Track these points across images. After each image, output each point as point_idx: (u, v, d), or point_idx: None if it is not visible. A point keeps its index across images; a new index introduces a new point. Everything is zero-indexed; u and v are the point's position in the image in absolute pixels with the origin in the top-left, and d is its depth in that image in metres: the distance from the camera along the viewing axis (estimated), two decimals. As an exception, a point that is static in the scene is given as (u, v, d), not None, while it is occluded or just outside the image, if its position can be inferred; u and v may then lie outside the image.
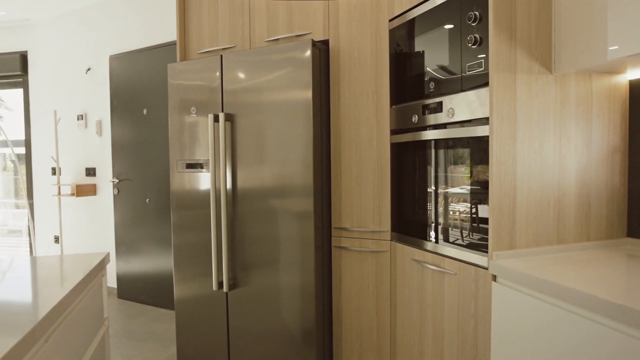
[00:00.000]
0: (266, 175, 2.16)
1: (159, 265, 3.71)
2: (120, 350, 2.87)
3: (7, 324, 0.90)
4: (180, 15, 2.62)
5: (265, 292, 2.19)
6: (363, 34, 2.08)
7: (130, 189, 3.85)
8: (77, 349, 1.23)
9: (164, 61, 3.61)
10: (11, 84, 4.99)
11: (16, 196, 6.45)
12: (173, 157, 2.43)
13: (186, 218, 2.40)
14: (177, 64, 2.40)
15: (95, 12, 4.12)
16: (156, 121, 3.67)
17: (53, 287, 1.18)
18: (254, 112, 2.17)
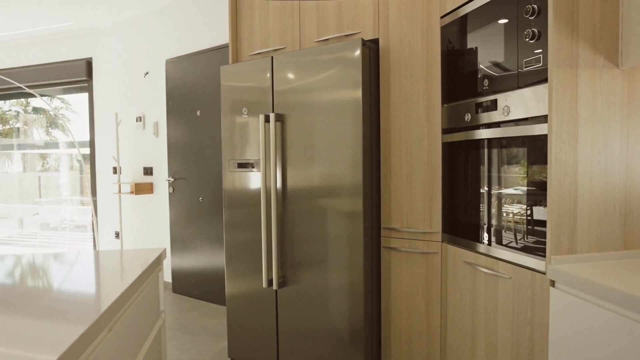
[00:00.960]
0: (315, 175, 2.17)
1: (211, 261, 3.83)
2: (175, 342, 2.99)
3: (76, 313, 0.96)
4: (232, 19, 2.69)
5: (313, 291, 2.21)
6: (414, 32, 2.05)
7: (185, 187, 4.00)
8: (137, 339, 1.29)
9: (217, 64, 3.72)
10: (77, 88, 5.32)
11: (81, 194, 6.87)
12: (225, 157, 2.50)
13: (237, 216, 2.46)
14: (229, 66, 2.46)
15: (153, 19, 4.31)
16: (209, 122, 3.78)
17: (115, 280, 1.25)
18: (303, 112, 2.20)
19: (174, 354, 2.80)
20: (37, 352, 0.76)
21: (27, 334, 0.85)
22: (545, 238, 1.43)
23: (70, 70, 5.08)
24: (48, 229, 6.96)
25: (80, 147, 5.18)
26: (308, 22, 2.39)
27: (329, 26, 2.31)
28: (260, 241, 2.39)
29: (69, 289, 1.18)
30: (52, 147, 8.16)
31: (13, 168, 7.21)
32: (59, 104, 7.87)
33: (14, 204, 6.90)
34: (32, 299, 1.09)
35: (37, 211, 6.99)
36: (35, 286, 1.22)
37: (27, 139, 8.47)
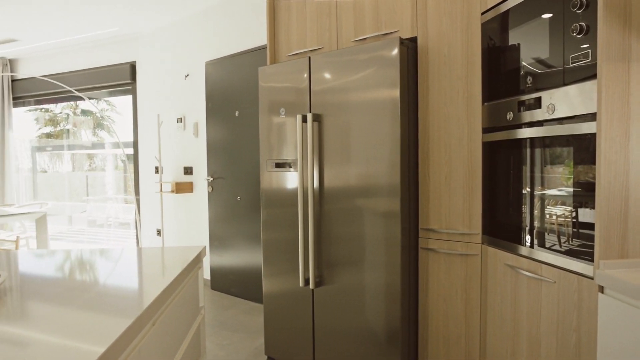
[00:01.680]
0: (352, 175, 2.17)
1: (248, 259, 3.89)
2: (213, 338, 3.06)
3: (121, 307, 1.00)
4: (270, 21, 2.72)
5: (350, 291, 2.20)
6: (453, 29, 2.01)
7: (223, 186, 4.08)
8: (179, 334, 1.33)
9: (255, 65, 3.77)
10: (122, 91, 5.53)
11: (125, 192, 7.13)
12: (263, 157, 2.53)
13: (275, 215, 2.49)
14: (267, 67, 2.49)
15: (193, 22, 4.42)
16: (247, 122, 3.84)
17: (157, 276, 1.29)
18: (340, 112, 2.19)
19: (212, 350, 2.86)
20: (87, 343, 0.80)
21: (77, 326, 0.89)
22: (592, 241, 1.37)
23: (115, 73, 5.28)
24: (95, 226, 7.27)
25: (124, 148, 5.38)
26: (345, 22, 2.38)
27: (366, 25, 2.30)
28: (297, 240, 2.40)
29: (113, 284, 1.22)
30: (99, 148, 8.51)
31: (63, 167, 7.57)
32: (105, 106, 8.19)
33: (64, 202, 7.25)
34: (80, 292, 1.14)
35: (85, 209, 7.31)
36: (83, 280, 1.28)
37: (76, 139, 8.87)
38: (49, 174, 7.54)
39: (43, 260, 1.55)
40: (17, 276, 1.33)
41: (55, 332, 0.86)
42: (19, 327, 0.90)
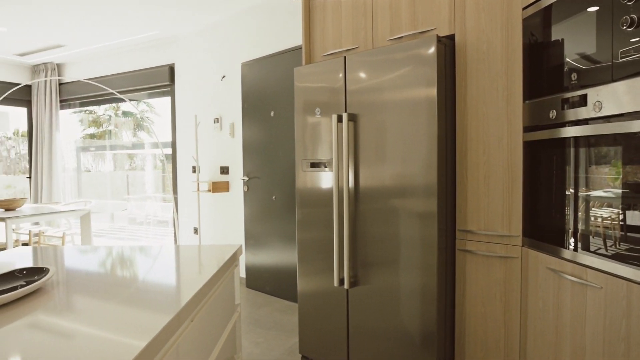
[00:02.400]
0: (388, 175, 2.15)
1: (283, 258, 3.92)
2: (248, 335, 3.09)
3: (160, 304, 1.02)
4: (305, 21, 2.73)
5: (385, 292, 2.18)
6: (493, 26, 1.96)
7: (259, 186, 4.13)
8: (215, 330, 1.35)
9: (290, 65, 3.79)
10: (161, 92, 5.68)
11: (164, 191, 7.32)
12: (298, 157, 2.54)
13: (310, 215, 2.50)
14: (303, 68, 2.50)
15: (229, 24, 4.49)
16: (282, 122, 3.87)
17: (195, 274, 1.31)
18: (376, 112, 2.18)
19: (247, 347, 2.89)
20: (129, 337, 0.82)
21: (118, 320, 0.92)
22: (643, 245, 1.30)
23: (155, 75, 5.43)
24: (135, 224, 7.51)
25: (163, 148, 5.53)
26: (381, 20, 2.36)
27: (402, 24, 2.27)
28: (332, 240, 2.40)
29: (152, 280, 1.26)
30: (139, 148, 8.78)
31: (105, 167, 7.86)
32: (145, 107, 8.44)
33: (106, 200, 7.52)
34: (121, 287, 1.18)
35: (126, 207, 7.56)
36: (123, 276, 1.32)
37: (117, 140, 9.19)
38: (92, 173, 7.84)
39: (87, 256, 1.61)
40: (64, 271, 1.39)
41: (99, 325, 0.89)
42: (66, 319, 0.94)
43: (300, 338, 2.60)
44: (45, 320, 0.93)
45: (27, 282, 1.19)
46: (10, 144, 6.96)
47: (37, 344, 0.80)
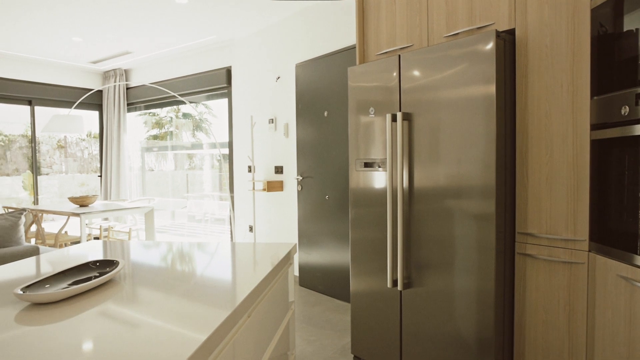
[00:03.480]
0: (443, 175, 2.10)
1: (336, 258, 3.93)
2: (301, 333, 3.13)
3: (218, 298, 1.06)
4: (359, 20, 2.72)
5: (440, 294, 2.14)
6: (557, 18, 1.86)
7: (312, 185, 4.17)
8: (271, 326, 1.38)
9: (344, 65, 3.80)
10: (219, 94, 5.87)
11: (220, 190, 7.57)
12: (352, 156, 2.54)
13: (363, 215, 2.49)
14: (357, 67, 2.50)
15: (284, 26, 4.57)
16: (335, 122, 3.89)
17: (252, 271, 1.35)
18: (431, 111, 2.13)
19: (300, 344, 2.93)
20: (189, 329, 0.86)
21: (178, 312, 0.96)
22: None
23: (213, 78, 5.63)
24: (194, 221, 7.82)
25: (220, 148, 5.72)
26: (436, 17, 2.31)
27: (459, 20, 2.21)
28: (385, 241, 2.38)
29: (210, 275, 1.30)
30: (197, 148, 9.12)
31: (167, 166, 8.24)
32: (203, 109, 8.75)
33: (168, 198, 7.88)
34: (180, 281, 1.23)
35: (185, 204, 7.89)
36: (183, 270, 1.38)
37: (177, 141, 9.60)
38: (155, 172, 8.24)
39: (150, 251, 1.70)
40: (130, 264, 1.47)
41: (161, 317, 0.94)
42: (132, 309, 0.99)
43: (353, 338, 2.60)
44: (115, 309, 0.99)
45: (100, 274, 1.27)
46: (84, 145, 7.47)
47: (107, 331, 0.86)
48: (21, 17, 4.38)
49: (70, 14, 4.34)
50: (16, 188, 6.65)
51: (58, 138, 7.11)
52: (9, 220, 2.82)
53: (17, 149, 6.56)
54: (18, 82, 6.08)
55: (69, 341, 0.82)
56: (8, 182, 6.60)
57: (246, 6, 4.17)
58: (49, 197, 6.78)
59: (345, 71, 3.78)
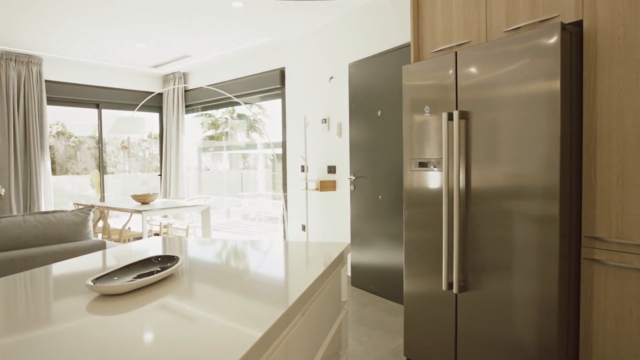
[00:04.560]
0: (502, 175, 2.01)
1: (388, 258, 3.89)
2: (353, 333, 3.12)
3: (272, 296, 1.07)
4: (414, 18, 2.67)
5: (498, 299, 2.05)
6: (631, 7, 1.73)
7: (365, 185, 4.14)
8: (324, 325, 1.38)
9: (398, 64, 3.75)
10: (272, 95, 5.97)
11: (274, 189, 7.70)
12: (406, 156, 2.50)
13: (418, 215, 2.44)
14: (411, 65, 2.45)
15: (337, 26, 4.57)
16: (389, 122, 3.84)
17: (305, 269, 1.36)
18: (490, 109, 2.06)
19: (351, 344, 2.92)
20: (244, 325, 0.88)
21: (233, 308, 0.98)
22: None
23: (267, 79, 5.74)
24: (248, 219, 8.00)
25: (274, 148, 5.81)
26: (495, 11, 2.23)
27: (520, 13, 2.12)
28: (440, 242, 2.32)
29: (263, 273, 1.32)
30: (251, 148, 9.33)
31: (222, 166, 8.49)
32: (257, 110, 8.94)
33: (223, 197, 8.12)
34: (235, 278, 1.26)
35: (240, 203, 8.09)
36: (237, 267, 1.41)
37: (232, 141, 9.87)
38: (211, 171, 8.51)
39: (206, 248, 1.76)
40: (188, 260, 1.53)
41: (216, 312, 0.96)
42: (189, 303, 1.03)
43: (406, 340, 2.55)
44: (174, 303, 1.03)
45: (161, 268, 1.33)
46: (145, 145, 7.86)
47: (167, 324, 0.89)
48: (89, 27, 4.67)
49: (134, 23, 4.58)
50: (84, 186, 7.11)
51: (122, 139, 7.51)
52: (80, 216, 3.01)
53: (85, 149, 7.00)
54: (87, 87, 6.49)
55: (133, 331, 0.86)
56: (78, 181, 7.06)
57: (300, 7, 4.21)
58: (114, 195, 7.19)
59: (399, 70, 3.72)
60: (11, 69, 5.64)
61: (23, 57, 5.73)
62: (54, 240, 2.87)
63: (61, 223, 2.91)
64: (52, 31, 4.86)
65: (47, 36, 5.05)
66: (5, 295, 1.15)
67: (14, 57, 5.66)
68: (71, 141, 7.00)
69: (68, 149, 6.99)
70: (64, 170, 6.94)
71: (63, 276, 1.33)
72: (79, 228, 2.99)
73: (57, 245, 2.83)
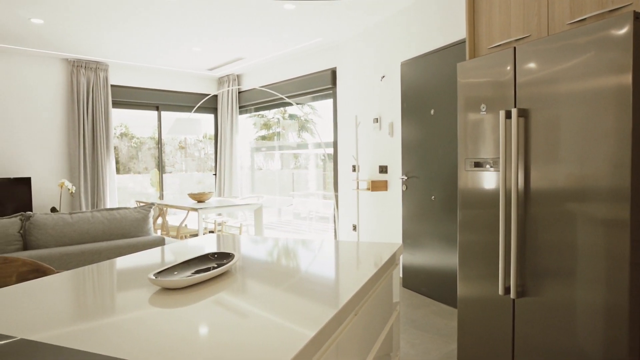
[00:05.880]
0: (564, 176, 1.91)
1: (441, 260, 3.80)
2: (404, 335, 3.08)
3: (325, 296, 1.08)
4: (469, 13, 2.59)
5: (560, 306, 1.95)
6: None
7: (417, 185, 4.07)
8: (376, 327, 1.37)
9: (451, 61, 3.65)
10: (323, 95, 6.00)
11: (324, 189, 7.74)
12: (461, 156, 2.43)
13: (473, 217, 2.37)
14: (467, 62, 2.38)
15: (388, 25, 4.52)
16: (442, 121, 3.75)
17: (357, 269, 1.35)
18: (551, 105, 1.96)
19: (403, 347, 2.88)
20: (296, 324, 0.88)
21: (285, 306, 0.99)
22: None
23: (318, 80, 5.77)
24: (299, 218, 8.09)
25: (325, 147, 5.84)
26: (558, 3, 2.11)
27: (586, 3, 2.00)
28: (497, 245, 2.24)
29: (314, 272, 1.33)
30: (302, 148, 9.42)
31: (274, 166, 8.64)
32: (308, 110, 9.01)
33: (275, 196, 8.26)
34: (286, 276, 1.27)
35: (291, 202, 8.20)
36: (288, 265, 1.42)
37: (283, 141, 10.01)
38: (263, 171, 8.68)
39: (258, 246, 1.79)
40: (241, 257, 1.56)
41: (269, 309, 0.98)
42: (242, 300, 1.05)
43: (459, 345, 2.48)
44: (228, 299, 1.06)
45: (218, 265, 1.37)
46: (201, 146, 8.14)
47: (221, 319, 0.92)
48: (151, 34, 4.90)
49: (191, 28, 4.75)
50: (145, 184, 7.47)
51: (179, 139, 7.82)
52: (141, 213, 3.17)
53: (146, 149, 7.35)
54: (148, 90, 6.82)
55: (191, 325, 0.89)
56: (139, 179, 7.43)
57: (351, 7, 4.20)
58: (172, 193, 7.50)
59: (453, 67, 3.63)
60: (81, 75, 6.02)
61: (92, 64, 6.10)
62: (118, 236, 3.03)
63: (125, 219, 3.07)
64: (117, 39, 5.14)
65: (113, 44, 5.35)
66: (76, 286, 1.23)
67: (84, 64, 6.05)
68: (133, 142, 7.38)
69: (130, 149, 7.37)
70: (127, 169, 7.33)
71: (126, 269, 1.40)
72: (141, 224, 3.14)
73: (121, 240, 2.99)
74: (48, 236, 2.76)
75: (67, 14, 4.32)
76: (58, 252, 2.69)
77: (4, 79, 5.59)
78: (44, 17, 4.40)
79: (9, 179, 5.47)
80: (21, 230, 2.73)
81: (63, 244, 2.81)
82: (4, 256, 1.51)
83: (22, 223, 2.75)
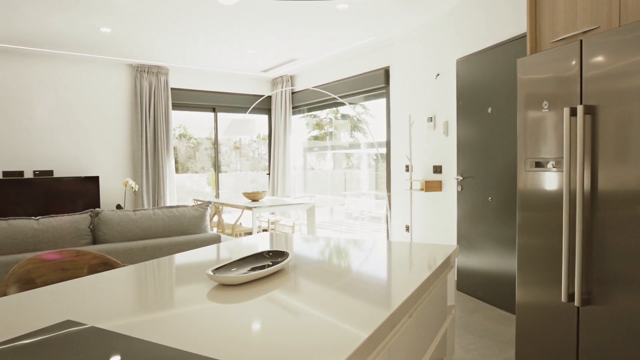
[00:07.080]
0: (636, 177, 1.78)
1: (498, 264, 3.66)
2: (458, 340, 2.99)
3: (378, 297, 1.07)
4: (530, 6, 2.48)
5: (631, 316, 1.82)
6: None
7: (473, 186, 3.95)
8: (430, 329, 1.34)
9: (510, 57, 3.51)
10: (376, 95, 5.96)
11: (377, 189, 7.68)
12: (520, 155, 2.33)
13: (534, 219, 2.26)
14: (528, 58, 2.28)
15: (442, 22, 4.41)
16: (500, 119, 3.61)
17: (410, 271, 1.33)
18: (622, 102, 1.83)
19: (457, 352, 2.80)
20: (349, 324, 0.88)
21: (336, 305, 0.99)
22: None
23: (371, 79, 5.73)
24: (351, 218, 8.08)
25: (377, 147, 5.79)
26: (631, -9, 1.97)
27: (663, -9, 1.85)
28: (560, 249, 2.13)
29: (367, 272, 1.32)
30: (354, 148, 9.40)
31: (326, 165, 8.68)
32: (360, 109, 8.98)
33: (327, 195, 8.30)
34: (337, 275, 1.28)
35: (343, 202, 8.20)
36: (340, 265, 1.42)
37: (336, 141, 10.03)
38: (315, 171, 8.75)
39: (310, 245, 1.80)
40: (293, 255, 1.58)
41: (321, 308, 0.98)
42: (295, 298, 1.06)
43: (518, 353, 2.38)
44: (282, 297, 1.08)
45: (272, 263, 1.39)
46: (255, 146, 8.33)
47: (275, 316, 0.93)
48: (208, 39, 5.07)
49: (246, 32, 4.87)
50: (202, 183, 7.74)
51: (234, 140, 8.04)
52: (199, 211, 3.29)
53: (203, 150, 7.62)
54: (205, 93, 7.06)
55: (246, 320, 0.91)
56: (196, 179, 7.72)
57: (404, 4, 4.14)
58: (227, 192, 7.72)
59: (512, 63, 3.48)
60: (144, 79, 6.34)
61: (153, 69, 6.41)
62: (177, 232, 3.17)
63: (183, 217, 3.20)
64: (177, 45, 5.37)
65: (173, 49, 5.59)
66: (140, 279, 1.29)
67: (147, 69, 6.36)
68: (191, 142, 7.68)
69: (188, 149, 7.67)
70: (185, 169, 7.63)
71: (185, 265, 1.46)
72: (198, 222, 3.26)
73: (180, 237, 3.12)
74: (114, 231, 2.93)
75: (133, 23, 4.56)
76: (123, 247, 2.85)
77: (75, 85, 5.99)
78: (112, 26, 4.68)
79: (80, 177, 5.86)
80: (91, 225, 2.92)
81: (127, 239, 2.97)
82: (77, 249, 1.62)
83: (91, 219, 2.94)
